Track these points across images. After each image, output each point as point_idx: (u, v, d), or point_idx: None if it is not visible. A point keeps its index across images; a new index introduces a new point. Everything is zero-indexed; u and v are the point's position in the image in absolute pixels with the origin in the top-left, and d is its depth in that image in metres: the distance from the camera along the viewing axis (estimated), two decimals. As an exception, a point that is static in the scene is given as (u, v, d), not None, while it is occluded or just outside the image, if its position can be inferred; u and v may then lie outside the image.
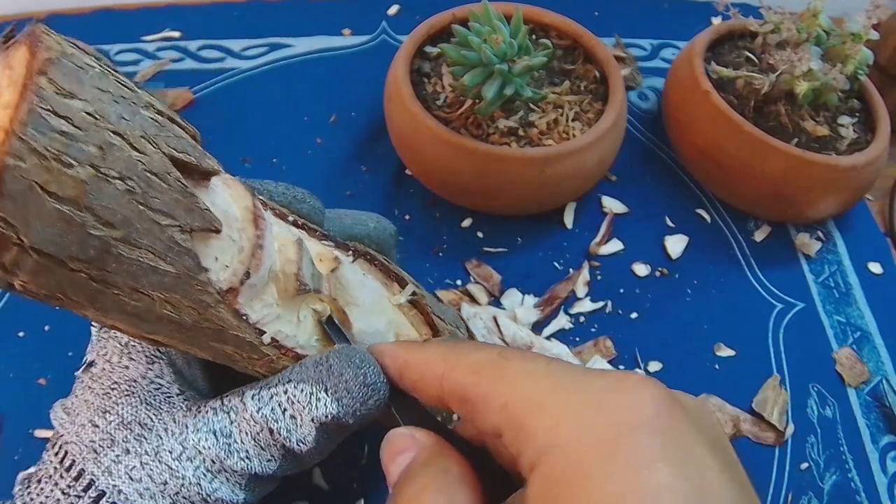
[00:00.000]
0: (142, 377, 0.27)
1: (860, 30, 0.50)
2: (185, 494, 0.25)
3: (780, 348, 0.49)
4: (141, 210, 0.22)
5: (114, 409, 0.27)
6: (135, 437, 0.26)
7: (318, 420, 0.25)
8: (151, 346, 0.28)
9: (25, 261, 0.20)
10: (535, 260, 0.51)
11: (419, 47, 0.52)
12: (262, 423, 0.26)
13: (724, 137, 0.51)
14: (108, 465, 0.25)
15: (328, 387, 0.25)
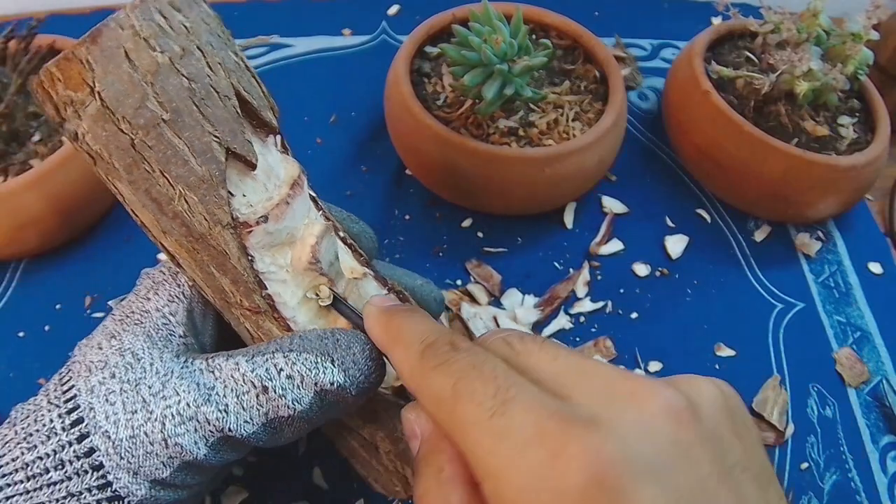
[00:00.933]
0: (156, 310, 0.28)
1: (860, 30, 0.50)
2: (147, 430, 0.25)
3: (780, 348, 0.49)
4: (193, 109, 0.25)
5: (120, 335, 0.27)
6: (125, 363, 0.26)
7: (321, 385, 0.26)
8: (178, 288, 0.29)
9: (91, 104, 0.24)
10: (535, 260, 0.51)
11: (419, 47, 0.52)
12: (252, 383, 0.26)
13: (724, 137, 0.51)
14: (93, 384, 0.26)
15: (335, 358, 0.26)
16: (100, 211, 0.49)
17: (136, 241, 0.49)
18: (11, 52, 0.47)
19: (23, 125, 0.46)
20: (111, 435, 0.25)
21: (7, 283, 0.47)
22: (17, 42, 0.47)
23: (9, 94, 0.45)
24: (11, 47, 0.47)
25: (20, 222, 0.44)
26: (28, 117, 0.47)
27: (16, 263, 0.48)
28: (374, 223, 0.52)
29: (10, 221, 0.43)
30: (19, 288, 0.47)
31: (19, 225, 0.44)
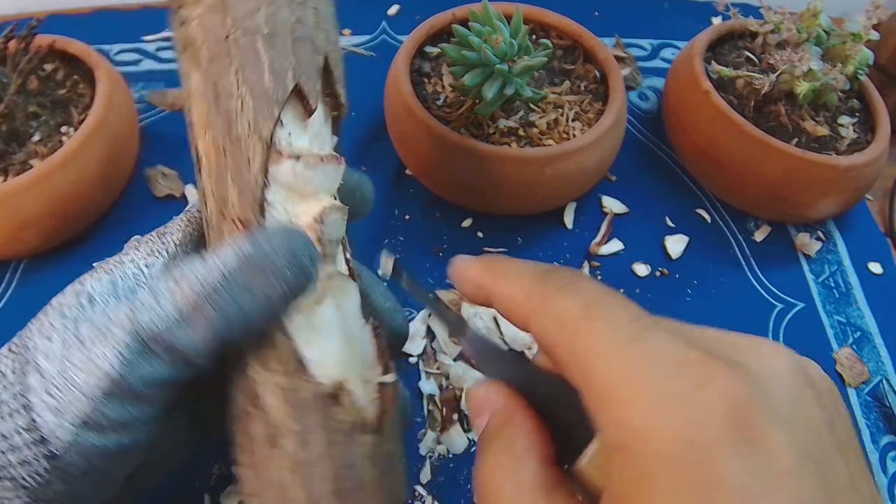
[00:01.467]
0: (131, 261, 0.27)
1: (860, 30, 0.50)
2: (75, 359, 0.24)
3: (780, 348, 0.49)
4: (288, 40, 0.28)
5: (85, 280, 0.27)
6: (77, 304, 0.26)
7: (224, 258, 0.25)
8: (162, 245, 0.29)
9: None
10: (535, 260, 0.51)
11: (419, 47, 0.52)
12: (172, 276, 0.25)
13: (724, 137, 0.51)
14: (43, 323, 0.26)
15: (249, 238, 0.26)
16: (100, 211, 0.49)
17: (136, 241, 0.49)
18: (11, 52, 0.47)
19: (23, 125, 0.46)
20: (43, 371, 0.24)
21: (7, 283, 0.47)
22: (17, 42, 0.47)
23: (9, 94, 0.45)
24: (11, 47, 0.47)
25: (20, 222, 0.44)
26: (28, 117, 0.47)
27: (16, 263, 0.48)
28: (375, 223, 0.52)
29: (10, 221, 0.43)
30: (19, 288, 0.47)
31: (19, 225, 0.44)
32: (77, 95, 0.49)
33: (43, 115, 0.47)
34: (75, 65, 0.50)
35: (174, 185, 0.52)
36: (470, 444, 0.43)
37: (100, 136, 0.46)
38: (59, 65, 0.50)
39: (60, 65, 0.51)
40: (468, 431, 0.43)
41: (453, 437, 0.43)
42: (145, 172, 0.53)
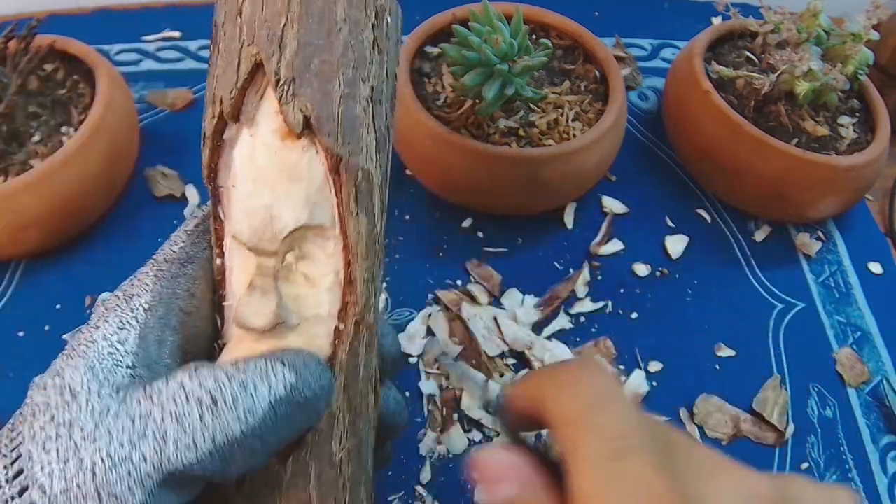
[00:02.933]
0: (103, 338, 0.25)
1: (860, 30, 0.50)
2: (79, 481, 0.22)
3: (780, 348, 0.49)
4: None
5: (63, 371, 0.25)
6: (63, 402, 0.24)
7: (274, 390, 0.23)
8: (130, 313, 0.26)
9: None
10: (535, 260, 0.51)
11: (419, 47, 0.52)
12: (198, 400, 0.23)
13: (724, 137, 0.51)
14: (35, 430, 0.24)
15: (284, 361, 0.24)
16: (100, 211, 0.49)
17: (136, 241, 0.49)
18: (11, 52, 0.47)
19: (23, 125, 0.46)
20: (46, 489, 0.22)
21: (7, 283, 0.47)
22: (17, 42, 0.47)
23: (9, 94, 0.45)
24: (11, 47, 0.47)
25: (20, 222, 0.44)
26: (28, 117, 0.47)
27: (16, 263, 0.48)
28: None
29: (10, 221, 0.43)
30: (19, 288, 0.47)
31: (19, 225, 0.44)
32: (77, 95, 0.49)
33: (43, 115, 0.47)
34: (75, 65, 0.50)
35: (174, 185, 0.52)
36: (470, 444, 0.43)
37: (100, 136, 0.45)
38: (59, 65, 0.50)
39: (60, 65, 0.50)
40: (468, 431, 0.43)
41: (453, 437, 0.43)
42: (145, 172, 0.53)
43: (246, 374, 0.23)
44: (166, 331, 0.26)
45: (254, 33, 0.24)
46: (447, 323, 0.47)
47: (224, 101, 0.24)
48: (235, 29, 0.24)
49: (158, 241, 0.52)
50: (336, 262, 0.25)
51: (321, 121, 0.24)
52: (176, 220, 0.51)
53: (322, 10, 0.24)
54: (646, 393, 0.46)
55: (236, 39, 0.24)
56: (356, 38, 0.25)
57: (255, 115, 0.24)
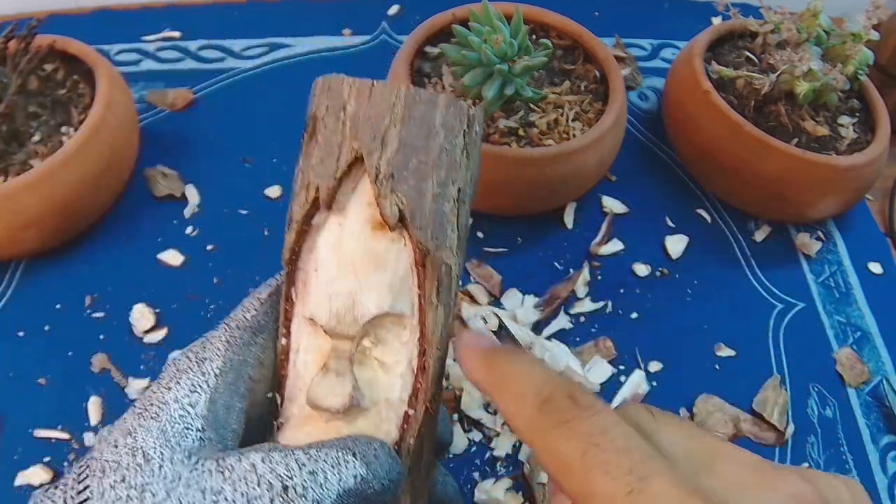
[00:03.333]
0: (175, 401, 0.26)
1: (860, 30, 0.50)
2: None
3: (780, 348, 0.49)
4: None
5: (135, 431, 0.25)
6: (135, 465, 0.24)
7: (343, 481, 0.24)
8: (202, 377, 0.27)
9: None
10: (535, 260, 0.51)
11: (419, 47, 0.52)
12: (269, 483, 0.23)
13: (724, 137, 0.51)
14: (104, 488, 0.24)
15: (356, 452, 0.24)
16: (100, 211, 0.49)
17: (136, 241, 0.49)
18: (11, 52, 0.47)
19: (23, 125, 0.46)
20: None
21: (7, 283, 0.47)
22: (17, 42, 0.47)
23: (9, 94, 0.45)
24: (11, 47, 0.47)
25: (20, 222, 0.44)
26: (28, 117, 0.47)
27: (16, 263, 0.48)
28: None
29: (10, 221, 0.43)
30: (19, 288, 0.47)
31: (19, 225, 0.44)
32: (77, 95, 0.49)
33: (43, 115, 0.47)
34: (75, 65, 0.50)
35: (174, 185, 0.52)
36: (469, 444, 0.43)
37: (100, 136, 0.45)
38: (59, 65, 0.50)
39: (60, 65, 0.50)
40: (468, 431, 0.43)
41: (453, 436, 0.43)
42: (145, 172, 0.53)
43: (317, 462, 0.24)
44: (235, 397, 0.27)
45: (357, 129, 0.26)
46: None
47: (320, 189, 0.26)
48: (338, 123, 0.26)
49: (158, 241, 0.53)
50: (410, 349, 0.27)
51: (415, 216, 0.25)
52: (176, 220, 0.51)
53: (423, 116, 0.26)
54: (646, 393, 0.46)
55: (338, 133, 0.26)
56: (450, 143, 0.26)
57: (347, 205, 0.26)
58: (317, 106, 0.27)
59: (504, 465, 0.42)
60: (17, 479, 0.39)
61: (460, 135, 0.27)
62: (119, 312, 0.46)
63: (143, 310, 0.46)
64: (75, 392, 0.43)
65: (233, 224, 0.51)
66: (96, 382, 0.43)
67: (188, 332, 0.45)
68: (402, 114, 0.26)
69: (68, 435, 0.41)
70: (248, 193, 0.53)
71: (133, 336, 0.45)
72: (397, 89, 0.26)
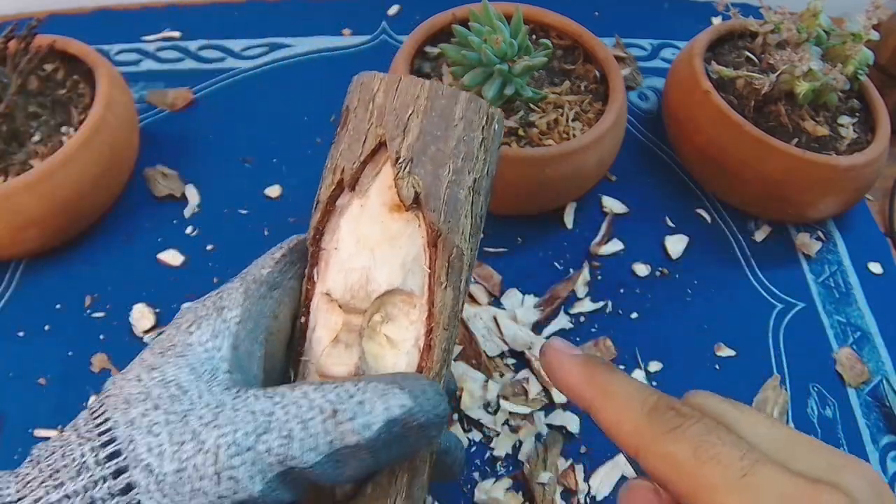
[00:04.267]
0: (199, 343, 0.26)
1: (860, 30, 0.50)
2: (197, 462, 0.23)
3: (780, 348, 0.49)
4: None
5: (161, 366, 0.26)
6: (169, 395, 0.25)
7: (389, 411, 0.24)
8: (223, 323, 0.27)
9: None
10: (535, 260, 0.51)
11: (419, 47, 0.52)
12: (319, 408, 0.24)
13: (724, 137, 0.51)
14: (133, 416, 0.24)
15: (403, 385, 0.25)
16: (100, 211, 0.49)
17: (136, 241, 0.49)
18: (11, 52, 0.47)
19: (23, 125, 0.46)
20: (154, 468, 0.23)
21: (7, 283, 0.47)
22: (17, 42, 0.47)
23: (9, 94, 0.45)
24: (11, 47, 0.47)
25: (20, 222, 0.44)
26: (28, 117, 0.47)
27: (16, 263, 0.48)
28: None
29: (10, 221, 0.43)
30: (19, 288, 0.47)
31: (19, 225, 0.44)
32: (77, 95, 0.49)
33: (43, 115, 0.47)
34: (75, 65, 0.50)
35: (174, 185, 0.52)
36: (469, 445, 0.43)
37: (100, 136, 0.46)
38: (59, 65, 0.50)
39: (60, 65, 0.51)
40: (468, 431, 0.43)
41: (453, 437, 0.43)
42: (145, 172, 0.53)
43: (364, 393, 0.25)
44: (255, 345, 0.28)
45: (383, 117, 0.28)
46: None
47: (346, 170, 0.28)
48: (366, 112, 0.28)
49: (158, 241, 0.53)
50: (418, 328, 0.28)
51: (429, 198, 0.27)
52: (176, 220, 0.51)
53: (444, 108, 0.28)
54: (646, 393, 0.46)
55: (366, 121, 0.28)
56: (469, 136, 0.28)
57: (369, 189, 0.28)
58: (350, 100, 0.29)
59: (504, 464, 0.42)
60: (17, 479, 0.39)
61: (479, 129, 0.28)
62: (119, 312, 0.46)
63: (143, 310, 0.46)
64: (75, 392, 0.43)
65: (233, 224, 0.51)
66: (96, 382, 0.43)
67: (188, 332, 0.45)
68: (425, 105, 0.28)
69: (68, 435, 0.41)
70: (248, 193, 0.53)
71: (133, 336, 0.45)
72: (421, 83, 0.28)
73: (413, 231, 0.28)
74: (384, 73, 0.28)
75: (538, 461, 0.42)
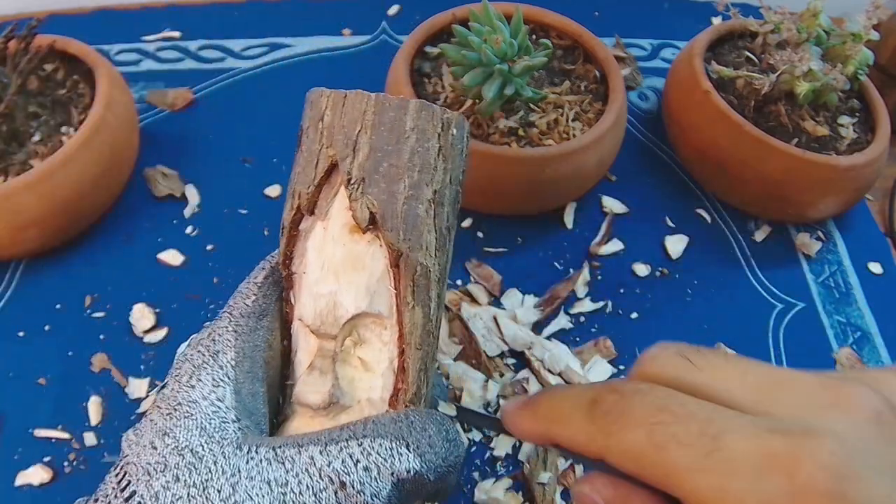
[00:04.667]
0: (203, 398, 0.26)
1: (860, 30, 0.50)
2: None
3: (780, 348, 0.49)
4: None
5: (172, 431, 0.26)
6: (186, 464, 0.25)
7: (397, 475, 0.24)
8: (220, 370, 0.27)
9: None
10: (535, 260, 0.51)
11: (419, 47, 0.52)
12: (329, 478, 0.24)
13: (724, 137, 0.51)
14: (157, 490, 0.24)
15: (409, 442, 0.25)
16: (100, 211, 0.49)
17: (136, 241, 0.49)
18: (11, 52, 0.47)
19: (23, 125, 0.46)
20: None
21: (7, 283, 0.47)
22: (17, 42, 0.47)
23: (9, 94, 0.45)
24: (11, 47, 0.47)
25: (20, 222, 0.44)
26: (28, 117, 0.47)
27: (16, 263, 0.48)
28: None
29: (10, 221, 0.43)
30: (19, 288, 0.47)
31: (19, 225, 0.44)
32: (77, 95, 0.49)
33: (43, 115, 0.47)
34: (75, 65, 0.50)
35: (174, 185, 0.52)
36: (469, 445, 0.43)
37: (100, 136, 0.45)
38: (59, 65, 0.50)
39: (60, 65, 0.50)
40: (468, 431, 0.43)
41: (453, 437, 0.43)
42: (145, 172, 0.53)
43: (370, 457, 0.24)
44: (256, 383, 0.28)
45: (332, 137, 0.27)
46: (447, 323, 0.47)
47: (302, 195, 0.27)
48: (317, 133, 0.27)
49: (158, 241, 0.53)
50: (391, 349, 0.27)
51: (385, 217, 0.26)
52: (176, 220, 0.51)
53: (393, 121, 0.27)
54: (646, 393, 0.46)
55: (317, 142, 0.27)
56: (423, 146, 0.27)
57: (329, 210, 0.27)
58: (304, 119, 0.28)
59: (504, 465, 0.42)
60: (18, 480, 0.39)
61: (434, 138, 0.27)
62: (119, 312, 0.46)
63: (143, 310, 0.46)
64: (75, 392, 0.43)
65: (233, 224, 0.51)
66: (96, 382, 0.43)
67: (188, 332, 0.45)
68: (373, 120, 0.27)
69: (68, 435, 0.41)
70: (248, 193, 0.53)
71: (133, 336, 0.45)
72: (367, 97, 0.27)
73: (375, 251, 0.27)
74: (331, 90, 0.27)
75: (538, 461, 0.42)
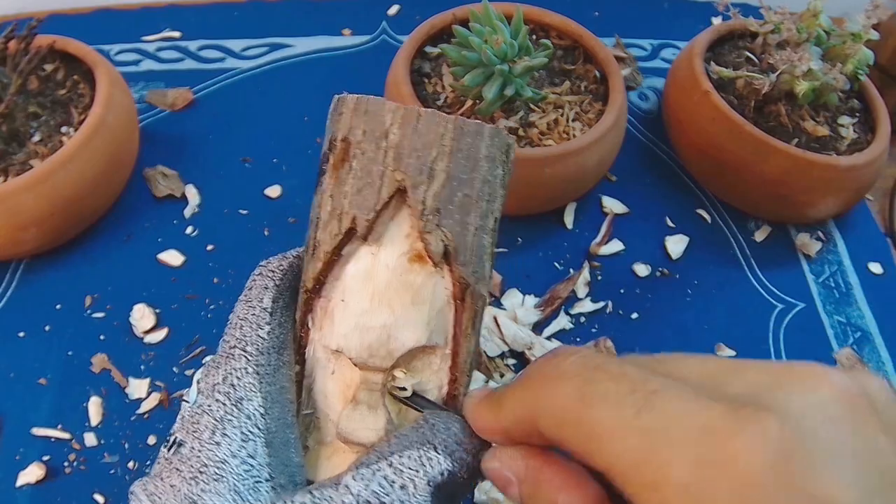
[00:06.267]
0: (232, 456, 0.24)
1: (860, 30, 0.50)
2: None
3: (780, 348, 0.49)
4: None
5: (201, 498, 0.23)
6: None
7: (433, 482, 0.23)
8: (248, 421, 0.25)
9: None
10: (536, 260, 0.51)
11: (419, 47, 0.52)
12: (367, 500, 0.23)
13: (724, 137, 0.51)
14: None
15: (436, 444, 0.24)
16: (100, 211, 0.49)
17: (136, 241, 0.49)
18: (11, 52, 0.47)
19: (23, 125, 0.46)
20: None
21: (7, 283, 0.47)
22: (17, 42, 0.47)
23: (9, 94, 0.45)
24: (11, 47, 0.47)
25: (20, 222, 0.44)
26: (28, 117, 0.47)
27: (16, 263, 0.48)
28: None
29: (10, 221, 0.43)
30: (19, 288, 0.47)
31: (19, 225, 0.44)
32: (77, 95, 0.49)
33: (43, 115, 0.47)
34: (75, 65, 0.50)
35: (174, 185, 0.52)
36: (470, 444, 0.43)
37: (100, 136, 0.45)
38: (59, 65, 0.50)
39: (60, 65, 0.50)
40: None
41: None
42: (145, 172, 0.53)
43: (402, 472, 0.23)
44: (287, 430, 0.25)
45: (402, 160, 0.24)
46: (447, 323, 0.47)
47: (358, 220, 0.25)
48: (378, 151, 0.25)
49: (158, 241, 0.53)
50: (441, 377, 0.26)
51: (458, 251, 0.24)
52: (176, 220, 0.51)
53: (469, 147, 0.25)
54: (646, 393, 0.46)
55: (379, 163, 0.25)
56: (492, 174, 0.25)
57: (383, 236, 0.25)
58: (348, 129, 0.25)
59: (504, 465, 0.42)
60: (18, 480, 0.39)
61: (500, 166, 0.26)
62: (119, 312, 0.46)
63: (143, 310, 0.46)
64: (75, 392, 0.43)
65: (233, 224, 0.51)
66: (96, 382, 0.43)
67: (188, 332, 0.45)
68: (451, 146, 0.24)
69: (68, 435, 0.41)
70: (248, 193, 0.53)
71: (133, 336, 0.45)
72: (445, 120, 0.25)
73: (436, 283, 0.25)
74: (394, 103, 0.25)
75: (538, 461, 0.42)
